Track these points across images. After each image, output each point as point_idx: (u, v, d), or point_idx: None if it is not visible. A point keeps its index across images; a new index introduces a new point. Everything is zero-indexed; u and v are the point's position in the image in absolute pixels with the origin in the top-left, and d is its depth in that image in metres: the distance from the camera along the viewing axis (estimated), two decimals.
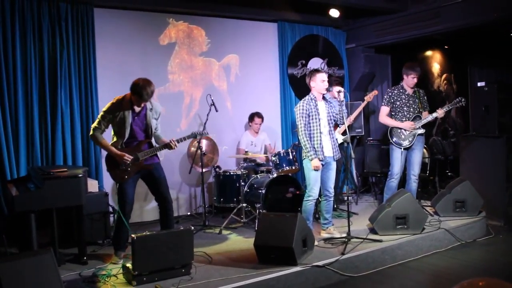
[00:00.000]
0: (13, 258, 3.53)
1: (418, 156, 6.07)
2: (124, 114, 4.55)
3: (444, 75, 9.42)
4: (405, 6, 7.21)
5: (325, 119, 5.18)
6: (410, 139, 5.99)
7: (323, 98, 5.26)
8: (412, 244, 5.09)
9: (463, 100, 5.84)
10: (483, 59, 9.17)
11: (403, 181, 6.20)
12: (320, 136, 5.11)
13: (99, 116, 4.63)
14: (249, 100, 7.35)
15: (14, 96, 5.49)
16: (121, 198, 4.65)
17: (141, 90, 4.43)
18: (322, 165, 5.16)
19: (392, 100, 6.13)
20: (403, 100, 6.08)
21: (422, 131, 6.02)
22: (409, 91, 6.11)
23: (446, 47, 9.22)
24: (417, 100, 6.09)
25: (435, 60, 9.30)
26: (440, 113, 5.91)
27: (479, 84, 6.69)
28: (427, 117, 5.98)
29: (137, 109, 4.62)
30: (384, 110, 6.19)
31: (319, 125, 5.11)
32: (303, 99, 5.21)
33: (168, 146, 4.71)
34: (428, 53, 9.20)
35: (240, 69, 7.35)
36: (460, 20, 6.63)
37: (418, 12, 7.07)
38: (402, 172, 6.15)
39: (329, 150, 5.18)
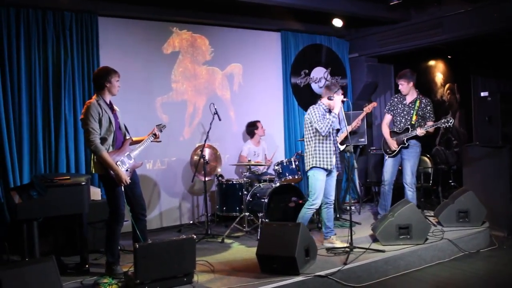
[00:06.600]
0: (15, 265, 3.54)
1: (407, 165, 6.11)
2: (107, 114, 4.42)
3: (447, 85, 9.41)
4: (408, 16, 7.24)
5: None
6: (394, 149, 6.14)
7: None
8: (415, 254, 5.06)
9: (450, 121, 5.75)
10: (486, 69, 9.15)
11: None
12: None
13: (89, 127, 4.27)
14: (252, 109, 7.36)
15: (18, 104, 5.53)
16: (119, 202, 4.45)
17: (108, 69, 4.48)
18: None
19: (393, 108, 6.25)
20: (399, 110, 6.20)
21: (405, 144, 6.05)
22: (408, 100, 6.14)
23: (449, 57, 9.23)
24: (412, 111, 6.07)
25: (438, 70, 9.31)
26: (419, 132, 5.90)
27: (482, 94, 6.71)
28: (411, 132, 5.98)
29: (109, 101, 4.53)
30: (386, 118, 6.33)
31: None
32: (315, 106, 5.18)
33: (154, 135, 4.72)
34: (431, 63, 9.21)
35: (244, 78, 7.37)
36: (463, 30, 6.65)
37: (421, 22, 7.09)
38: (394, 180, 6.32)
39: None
